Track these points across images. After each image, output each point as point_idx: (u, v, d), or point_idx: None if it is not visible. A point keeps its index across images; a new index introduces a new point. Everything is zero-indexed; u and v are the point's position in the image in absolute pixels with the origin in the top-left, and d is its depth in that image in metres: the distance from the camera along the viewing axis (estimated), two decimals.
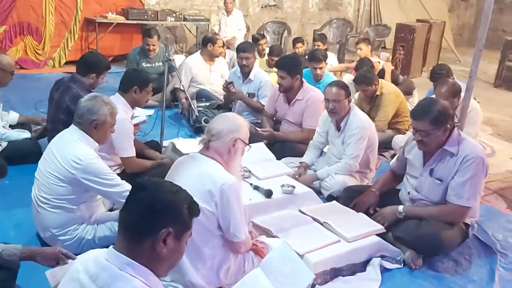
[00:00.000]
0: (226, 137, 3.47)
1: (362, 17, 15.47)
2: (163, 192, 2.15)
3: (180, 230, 2.14)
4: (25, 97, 8.32)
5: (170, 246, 2.11)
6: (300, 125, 6.18)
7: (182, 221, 2.15)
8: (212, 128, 3.54)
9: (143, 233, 2.09)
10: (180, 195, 2.18)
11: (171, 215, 2.12)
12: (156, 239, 2.08)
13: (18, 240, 3.83)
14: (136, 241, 2.09)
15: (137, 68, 6.28)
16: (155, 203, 2.10)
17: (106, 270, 2.08)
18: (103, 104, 3.98)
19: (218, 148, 3.49)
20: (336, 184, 5.11)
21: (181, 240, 2.16)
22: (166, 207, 2.11)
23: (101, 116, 3.94)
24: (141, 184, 2.20)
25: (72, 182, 3.83)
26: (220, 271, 3.48)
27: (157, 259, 2.12)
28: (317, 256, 3.78)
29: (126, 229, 2.13)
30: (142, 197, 2.12)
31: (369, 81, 6.75)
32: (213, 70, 8.17)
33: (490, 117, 9.07)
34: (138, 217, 2.10)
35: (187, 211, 2.16)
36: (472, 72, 5.25)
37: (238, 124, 3.56)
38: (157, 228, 2.08)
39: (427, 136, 4.05)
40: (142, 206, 2.10)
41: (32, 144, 5.75)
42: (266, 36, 11.08)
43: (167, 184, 2.23)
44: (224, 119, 3.61)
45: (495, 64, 12.46)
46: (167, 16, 11.54)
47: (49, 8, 10.61)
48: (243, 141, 3.56)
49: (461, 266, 4.27)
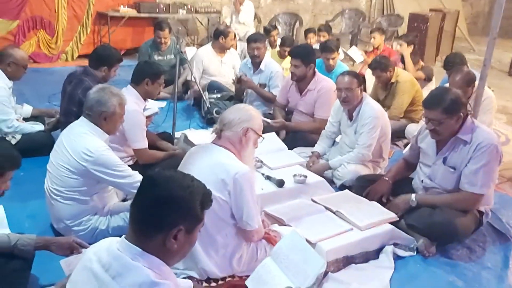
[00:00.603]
0: (237, 126, 3.48)
1: (375, 7, 15.37)
2: (174, 188, 2.13)
3: (191, 225, 2.15)
4: (39, 91, 8.37)
5: (181, 241, 2.12)
6: (312, 115, 6.17)
7: (194, 216, 2.16)
8: (224, 117, 3.56)
9: (153, 230, 2.10)
10: (192, 191, 2.15)
11: (182, 212, 2.11)
12: (167, 236, 2.09)
13: (32, 230, 3.86)
14: (147, 236, 2.10)
15: (149, 61, 6.29)
16: (167, 201, 2.09)
17: (118, 260, 2.10)
18: (112, 95, 3.98)
19: (230, 138, 3.50)
20: (348, 173, 5.12)
21: (192, 233, 2.17)
22: (178, 205, 2.10)
23: (110, 107, 3.95)
24: (152, 178, 2.18)
25: (84, 174, 3.85)
26: (233, 259, 3.50)
27: (168, 253, 2.13)
28: (330, 244, 3.78)
29: (137, 224, 2.13)
30: (153, 194, 2.12)
31: (384, 67, 6.75)
32: (224, 62, 8.15)
33: (505, 106, 9.00)
34: (148, 213, 2.10)
35: (200, 206, 2.16)
36: (486, 60, 5.21)
37: (250, 114, 3.56)
38: (168, 226, 2.09)
39: (440, 125, 4.03)
40: (153, 203, 2.10)
41: (45, 137, 5.80)
42: (278, 27, 11.03)
43: (178, 179, 2.19)
44: (236, 109, 3.63)
45: (509, 53, 12.37)
46: (179, 8, 11.54)
47: (61, 3, 10.65)
48: (255, 131, 3.56)
49: (475, 253, 4.26)
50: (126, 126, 4.70)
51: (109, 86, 4.12)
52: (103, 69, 5.38)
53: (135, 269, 2.06)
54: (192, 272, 3.46)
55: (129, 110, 4.63)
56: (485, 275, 3.99)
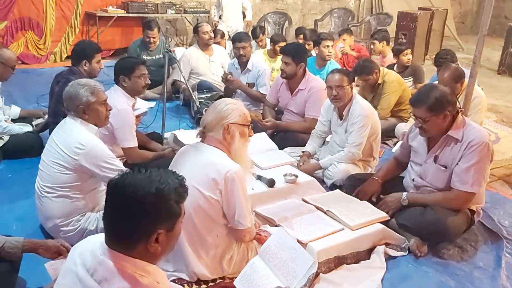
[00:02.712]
0: (217, 126, 3.47)
1: (363, 6, 15.38)
2: (143, 195, 2.03)
3: (171, 224, 2.11)
4: (27, 92, 8.33)
5: (163, 242, 2.09)
6: (302, 115, 6.15)
7: (171, 215, 2.10)
8: (203, 120, 3.57)
9: (131, 241, 2.06)
10: (162, 193, 2.06)
11: (157, 218, 2.06)
12: (148, 243, 2.05)
13: (20, 232, 3.84)
14: (126, 246, 2.06)
15: (123, 57, 6.24)
16: (137, 211, 2.02)
17: (102, 265, 2.06)
18: (79, 87, 3.96)
19: (215, 137, 3.48)
20: (339, 173, 5.11)
21: (174, 230, 2.13)
22: (150, 213, 2.04)
23: (82, 98, 3.91)
24: (117, 187, 2.08)
25: (76, 168, 3.82)
26: (224, 260, 3.49)
27: (153, 255, 2.10)
28: (321, 245, 3.74)
29: (112, 238, 2.09)
30: (122, 206, 2.05)
31: (369, 70, 6.71)
32: (213, 61, 8.13)
33: (494, 104, 9.03)
34: (122, 227, 2.06)
35: (175, 203, 2.10)
36: (476, 58, 5.20)
37: (226, 109, 3.50)
38: (145, 235, 2.04)
39: (426, 123, 4.02)
40: (123, 216, 2.04)
41: (33, 138, 5.77)
42: (267, 27, 11.01)
43: (144, 185, 2.05)
44: (213, 109, 3.57)
45: (498, 51, 12.42)
46: (167, 8, 11.52)
47: (49, 3, 10.62)
48: (238, 124, 3.51)
49: (467, 253, 4.24)
50: (115, 124, 4.70)
51: (77, 80, 4.11)
52: (83, 63, 5.39)
53: (120, 274, 2.02)
54: (182, 274, 3.44)
55: (118, 108, 4.65)
56: (477, 275, 3.97)
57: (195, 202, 3.30)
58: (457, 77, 5.67)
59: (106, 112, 4.11)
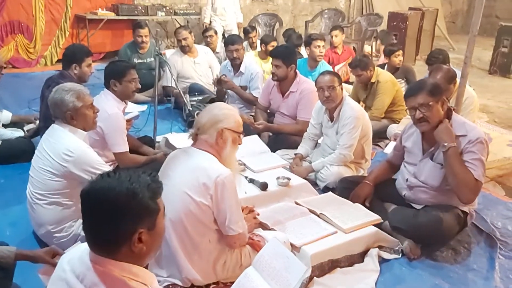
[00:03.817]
0: (211, 129, 3.43)
1: (354, 6, 15.42)
2: (115, 198, 2.01)
3: (150, 221, 2.08)
4: (18, 96, 8.30)
5: (147, 241, 2.06)
6: (294, 117, 6.15)
7: (148, 213, 2.07)
8: (197, 121, 3.52)
9: (113, 245, 2.04)
10: (134, 191, 2.02)
11: (134, 217, 2.03)
12: (130, 244, 2.03)
13: (14, 238, 3.88)
14: (110, 251, 2.04)
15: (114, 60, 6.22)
16: (112, 215, 2.00)
17: (91, 271, 2.05)
18: (64, 92, 3.91)
19: (207, 140, 3.45)
20: (331, 175, 5.10)
21: (155, 227, 2.10)
22: (125, 213, 2.01)
23: (68, 104, 3.87)
24: (88, 195, 2.06)
25: (66, 175, 3.80)
26: (217, 265, 3.46)
27: (139, 255, 2.08)
28: (315, 248, 3.73)
29: (96, 243, 2.07)
30: (97, 212, 2.03)
31: (364, 65, 6.75)
32: (198, 62, 8.13)
33: (486, 104, 9.05)
34: (101, 233, 2.04)
35: (150, 200, 2.06)
36: (467, 58, 5.22)
37: (222, 114, 3.48)
38: (125, 236, 2.02)
39: (428, 109, 3.98)
40: (100, 222, 2.03)
41: (25, 143, 5.74)
42: (258, 29, 11.02)
43: (115, 186, 2.03)
44: (208, 111, 3.55)
45: (489, 51, 12.46)
46: (157, 10, 11.53)
47: (39, 6, 10.59)
48: (231, 130, 3.49)
49: (460, 255, 4.23)
50: (105, 129, 4.68)
51: (62, 85, 4.05)
52: (74, 67, 5.36)
53: (110, 279, 2.01)
54: (175, 280, 3.41)
55: (108, 113, 4.63)
56: (470, 277, 3.96)
57: (186, 208, 3.28)
58: (450, 78, 5.68)
59: (93, 115, 4.08)
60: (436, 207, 4.14)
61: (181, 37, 8.04)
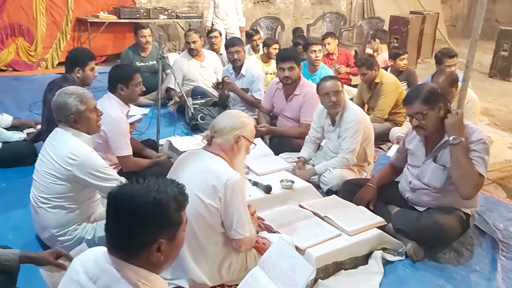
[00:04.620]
0: (229, 134, 3.44)
1: (355, 10, 15.43)
2: (141, 205, 2.02)
3: (172, 233, 2.09)
4: (19, 99, 8.28)
5: (166, 251, 2.07)
6: (297, 120, 6.16)
7: (171, 224, 2.09)
8: (215, 124, 3.52)
9: (132, 251, 2.05)
10: (160, 202, 2.05)
11: (157, 227, 2.04)
12: (149, 252, 2.04)
13: (17, 242, 3.85)
14: (128, 255, 2.06)
15: (119, 64, 6.19)
16: (136, 222, 2.02)
17: (106, 272, 2.06)
18: (67, 96, 3.89)
19: (222, 145, 3.46)
20: (334, 178, 5.11)
21: (176, 239, 2.12)
22: (149, 223, 2.02)
23: (71, 108, 3.85)
24: (115, 199, 2.08)
25: (70, 179, 3.79)
26: (222, 268, 3.47)
27: (156, 264, 2.09)
28: (319, 251, 3.76)
29: (115, 246, 2.08)
30: (121, 216, 2.05)
31: (370, 64, 6.81)
32: (204, 66, 8.14)
33: (487, 107, 9.07)
34: (122, 238, 2.05)
35: (175, 212, 2.09)
36: (468, 62, 5.21)
37: (242, 122, 3.51)
38: (146, 245, 2.03)
39: (424, 117, 4.04)
40: (123, 227, 2.04)
41: (27, 146, 5.73)
42: (260, 32, 11.03)
43: (142, 195, 2.05)
44: (228, 116, 3.58)
45: (489, 55, 12.48)
46: (159, 14, 11.50)
47: (39, 9, 10.54)
48: (247, 139, 3.53)
49: (463, 256, 4.25)
50: (109, 133, 4.68)
51: (65, 88, 4.02)
52: (77, 70, 5.34)
53: (123, 282, 2.02)
54: (181, 281, 3.42)
55: (112, 116, 4.62)
56: (473, 278, 3.99)
57: (195, 209, 3.29)
58: (452, 81, 5.71)
59: (97, 118, 4.06)
60: (439, 209, 4.17)
61: (191, 39, 8.04)
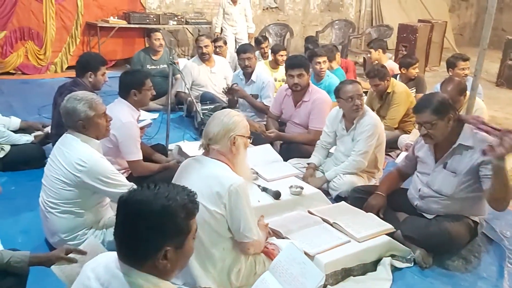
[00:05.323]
0: (223, 138, 3.40)
1: (364, 18, 15.46)
2: (149, 212, 2.03)
3: (179, 241, 2.09)
4: (28, 103, 8.31)
5: (172, 259, 2.07)
6: (306, 127, 6.17)
7: (179, 231, 2.08)
8: (208, 131, 3.47)
9: (141, 256, 2.06)
10: (168, 209, 2.05)
11: (164, 234, 2.04)
12: (155, 259, 2.04)
13: (26, 246, 3.83)
14: (136, 261, 2.06)
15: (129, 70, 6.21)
16: (144, 227, 2.02)
17: (117, 278, 2.07)
18: (76, 101, 3.87)
19: (220, 150, 3.43)
20: (344, 184, 5.12)
21: (183, 247, 2.11)
22: (157, 228, 2.02)
23: (80, 114, 3.85)
24: (125, 204, 2.09)
25: (79, 185, 3.80)
26: (231, 273, 3.45)
27: (163, 271, 2.09)
28: (328, 257, 3.76)
29: (124, 252, 2.09)
30: (129, 221, 2.05)
31: (382, 75, 6.79)
32: (214, 72, 8.18)
33: (494, 116, 9.05)
34: (131, 242, 2.06)
35: (184, 220, 2.08)
36: (477, 71, 5.25)
37: (233, 122, 3.45)
38: (153, 251, 2.03)
39: (432, 127, 4.05)
40: (131, 231, 2.05)
41: (35, 149, 5.75)
42: (269, 38, 11.06)
43: (150, 200, 2.06)
44: (217, 120, 3.49)
45: (496, 63, 12.47)
46: (169, 19, 11.57)
47: (49, 13, 10.63)
48: (242, 136, 3.48)
49: (471, 263, 4.26)
50: (119, 137, 4.69)
51: (74, 93, 4.00)
52: (88, 75, 5.37)
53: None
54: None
55: (122, 121, 4.63)
56: (480, 285, 4.00)
57: (200, 217, 3.22)
58: (460, 90, 5.70)
59: (106, 123, 4.06)
60: (448, 217, 4.17)
61: (203, 44, 8.09)
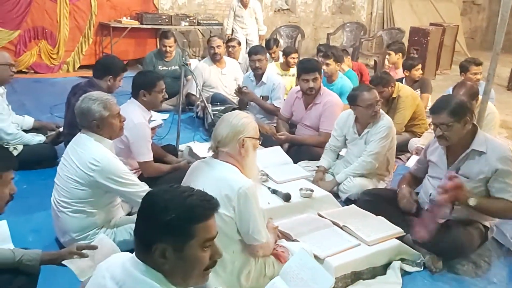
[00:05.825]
0: (232, 141, 3.40)
1: (375, 20, 15.43)
2: (151, 207, 2.09)
3: (178, 243, 2.06)
4: (40, 102, 8.35)
5: (171, 259, 2.05)
6: (316, 129, 6.17)
7: (176, 233, 2.05)
8: (217, 134, 3.47)
9: (141, 250, 2.09)
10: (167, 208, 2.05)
11: (158, 231, 2.05)
12: (152, 253, 2.04)
13: (36, 245, 3.83)
14: (140, 251, 2.10)
15: (142, 71, 6.23)
16: (144, 220, 2.08)
17: (131, 276, 2.07)
18: (92, 101, 3.91)
19: (229, 152, 3.43)
20: (354, 187, 5.12)
21: (183, 251, 2.07)
22: (153, 224, 2.05)
23: (95, 114, 3.88)
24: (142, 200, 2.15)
25: (91, 184, 3.82)
26: (241, 275, 3.44)
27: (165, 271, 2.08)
28: (338, 260, 3.76)
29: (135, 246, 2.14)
30: (144, 210, 2.11)
31: (386, 82, 6.75)
32: (225, 73, 8.20)
33: (505, 120, 9.02)
34: (138, 232, 2.11)
35: (184, 222, 2.06)
36: (490, 75, 5.23)
37: (242, 124, 3.45)
38: (147, 242, 2.05)
39: (448, 129, 4.03)
40: (140, 221, 2.10)
41: (48, 149, 5.78)
42: (280, 40, 11.06)
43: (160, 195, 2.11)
44: (226, 122, 3.49)
45: (507, 67, 12.41)
46: (181, 20, 11.59)
47: (63, 13, 10.67)
48: (251, 138, 3.48)
49: (481, 268, 4.26)
50: (131, 138, 4.71)
51: (89, 94, 4.04)
52: (108, 79, 5.38)
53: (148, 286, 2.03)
54: None
55: (134, 122, 4.64)
56: None
57: None
58: (472, 94, 5.70)
59: (120, 124, 4.09)
60: (459, 221, 4.15)
61: (215, 44, 8.11)
